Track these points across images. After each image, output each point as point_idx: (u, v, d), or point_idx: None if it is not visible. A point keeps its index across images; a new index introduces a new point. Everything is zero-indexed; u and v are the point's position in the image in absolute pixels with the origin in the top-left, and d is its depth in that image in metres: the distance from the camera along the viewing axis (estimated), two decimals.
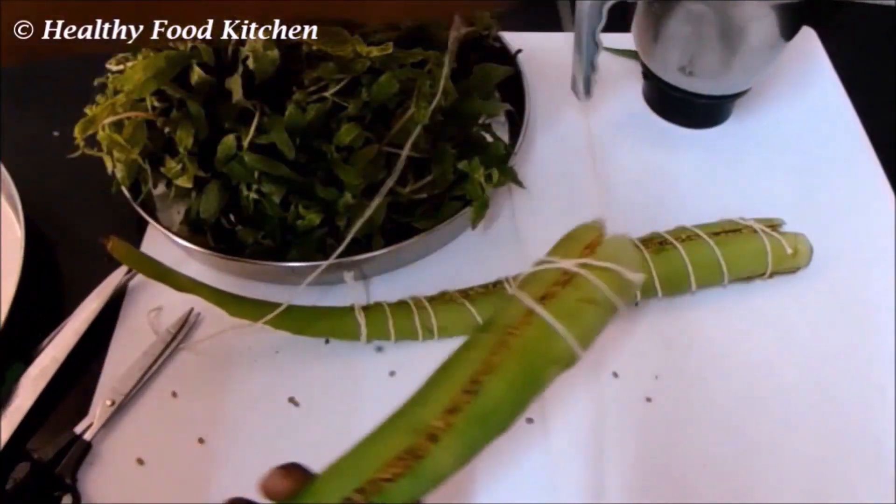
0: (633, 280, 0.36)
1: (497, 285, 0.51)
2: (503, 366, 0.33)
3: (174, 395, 0.49)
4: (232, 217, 0.52)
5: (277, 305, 0.48)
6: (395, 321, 0.49)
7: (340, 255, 0.50)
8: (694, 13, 0.53)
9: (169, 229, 0.52)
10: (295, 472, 0.32)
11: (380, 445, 0.32)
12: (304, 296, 0.52)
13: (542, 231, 0.54)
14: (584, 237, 0.37)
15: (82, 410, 0.48)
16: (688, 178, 0.60)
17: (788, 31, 0.55)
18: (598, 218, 0.38)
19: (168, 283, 0.45)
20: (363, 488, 0.31)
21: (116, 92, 0.52)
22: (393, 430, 0.33)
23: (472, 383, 0.33)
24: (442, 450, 0.32)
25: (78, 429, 0.47)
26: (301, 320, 0.49)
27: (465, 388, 0.33)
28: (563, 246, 0.37)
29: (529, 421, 0.48)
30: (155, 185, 0.54)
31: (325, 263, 0.50)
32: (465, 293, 0.50)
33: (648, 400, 0.49)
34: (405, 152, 0.49)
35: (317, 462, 0.32)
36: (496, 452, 0.46)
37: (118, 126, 0.52)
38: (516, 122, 0.60)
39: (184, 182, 0.51)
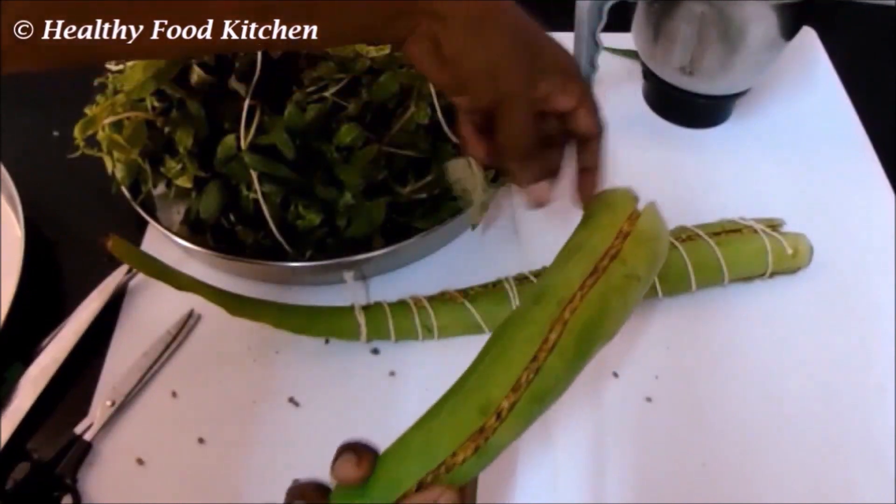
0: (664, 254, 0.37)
1: (497, 285, 0.51)
2: (561, 343, 0.33)
3: (174, 395, 0.49)
4: (232, 217, 0.52)
5: (277, 305, 0.48)
6: (395, 321, 0.49)
7: (340, 256, 0.50)
8: (694, 13, 0.54)
9: (169, 229, 0.52)
10: (364, 454, 0.31)
11: (451, 425, 0.32)
12: (305, 296, 0.52)
13: (541, 231, 0.54)
14: (622, 205, 0.37)
15: (82, 410, 0.48)
16: (688, 178, 0.60)
17: (788, 31, 0.55)
18: (628, 187, 0.38)
19: (168, 282, 0.45)
20: (436, 470, 0.31)
21: (116, 92, 0.52)
22: (462, 408, 0.33)
23: (532, 361, 0.33)
24: (505, 428, 0.32)
25: (78, 429, 0.47)
26: (301, 320, 0.49)
27: (526, 367, 0.33)
28: (601, 215, 0.37)
29: None
30: (155, 185, 0.54)
31: (324, 263, 0.50)
32: (465, 293, 0.50)
33: (648, 400, 0.49)
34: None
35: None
36: None
37: (118, 126, 0.52)
38: None
39: (184, 182, 0.51)
